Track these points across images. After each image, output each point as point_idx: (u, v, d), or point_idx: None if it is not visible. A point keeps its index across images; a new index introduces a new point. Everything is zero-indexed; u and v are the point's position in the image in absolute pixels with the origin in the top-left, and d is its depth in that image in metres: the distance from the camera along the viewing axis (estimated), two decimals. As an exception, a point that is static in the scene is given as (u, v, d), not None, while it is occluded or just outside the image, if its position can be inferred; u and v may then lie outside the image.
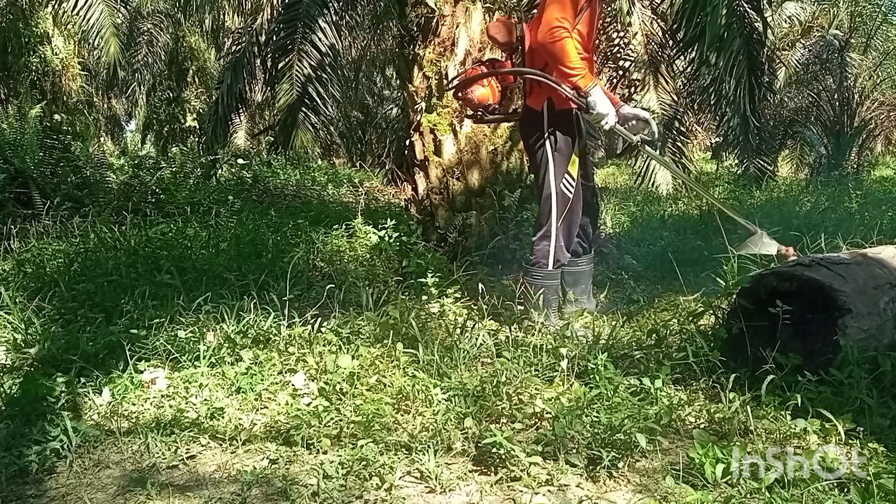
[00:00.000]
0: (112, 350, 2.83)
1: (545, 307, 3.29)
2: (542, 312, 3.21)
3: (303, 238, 4.82)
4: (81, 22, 8.25)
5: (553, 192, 3.34)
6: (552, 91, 3.27)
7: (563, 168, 3.34)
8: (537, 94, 3.36)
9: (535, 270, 3.40)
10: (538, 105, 3.34)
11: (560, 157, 3.33)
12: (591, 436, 2.11)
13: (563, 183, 3.34)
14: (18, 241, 4.78)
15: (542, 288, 3.36)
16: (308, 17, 6.97)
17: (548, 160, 3.33)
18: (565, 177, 3.34)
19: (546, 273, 3.38)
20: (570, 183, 3.36)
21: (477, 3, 4.83)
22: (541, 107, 3.32)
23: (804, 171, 13.91)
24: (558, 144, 3.33)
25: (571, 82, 3.18)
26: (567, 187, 3.35)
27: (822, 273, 2.57)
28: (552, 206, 3.35)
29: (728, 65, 6.52)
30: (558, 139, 3.32)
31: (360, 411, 2.28)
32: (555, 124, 3.31)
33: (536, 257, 3.41)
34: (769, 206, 6.44)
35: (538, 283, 3.38)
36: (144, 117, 18.57)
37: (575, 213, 3.42)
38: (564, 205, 3.35)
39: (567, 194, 3.36)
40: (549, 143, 3.33)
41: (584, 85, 3.17)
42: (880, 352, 2.42)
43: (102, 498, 2.00)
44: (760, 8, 7.00)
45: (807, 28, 13.64)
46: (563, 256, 3.41)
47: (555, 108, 3.31)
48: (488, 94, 3.44)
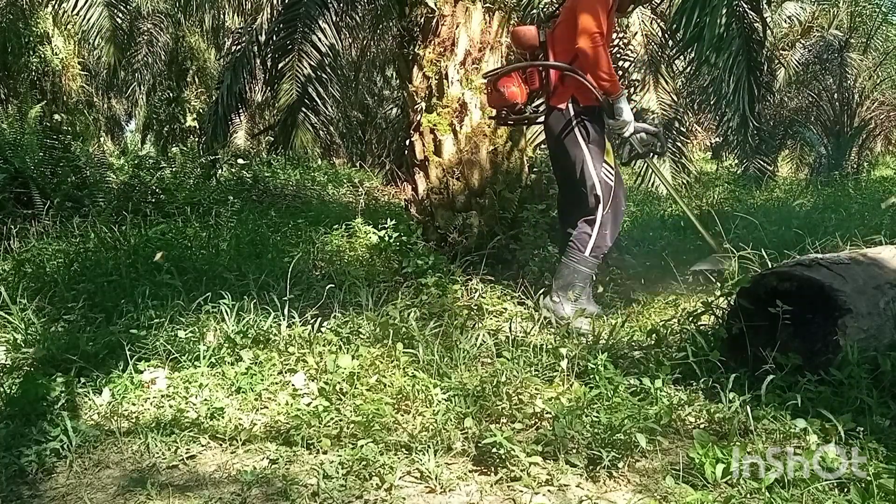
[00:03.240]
0: (112, 350, 2.83)
1: (570, 290, 3.42)
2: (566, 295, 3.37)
3: (303, 238, 4.82)
4: (81, 22, 8.24)
5: (596, 182, 3.44)
6: (576, 89, 3.42)
7: (600, 157, 3.46)
8: (561, 93, 3.49)
9: (572, 253, 3.50)
10: (562, 103, 3.47)
11: (595, 147, 3.46)
12: (591, 436, 2.11)
13: (603, 172, 3.46)
14: (18, 241, 4.78)
15: (571, 271, 3.48)
16: (308, 17, 6.97)
17: (583, 153, 3.45)
18: (604, 166, 3.47)
19: (580, 258, 3.47)
20: (609, 171, 3.48)
21: (477, 3, 4.82)
22: (566, 104, 3.46)
23: (804, 171, 13.91)
24: (591, 136, 3.46)
25: (603, 87, 3.37)
26: (608, 175, 3.47)
27: (822, 273, 2.57)
28: (599, 196, 3.45)
29: (727, 65, 6.53)
30: (590, 131, 3.46)
31: (360, 411, 2.28)
32: (584, 119, 3.45)
33: (575, 241, 3.50)
34: (769, 207, 6.44)
35: (572, 266, 3.49)
36: (144, 117, 18.55)
37: (619, 199, 3.55)
38: (608, 192, 3.46)
39: (609, 182, 3.47)
40: (580, 136, 3.45)
41: (615, 91, 3.38)
42: (880, 352, 2.41)
43: (102, 498, 2.00)
44: (760, 8, 7.00)
45: (806, 28, 13.64)
46: (603, 244, 3.51)
47: (580, 105, 3.45)
48: (518, 93, 3.54)
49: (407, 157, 5.28)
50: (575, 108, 3.46)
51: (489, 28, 4.83)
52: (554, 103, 3.54)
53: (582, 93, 3.44)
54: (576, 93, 3.45)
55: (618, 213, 3.57)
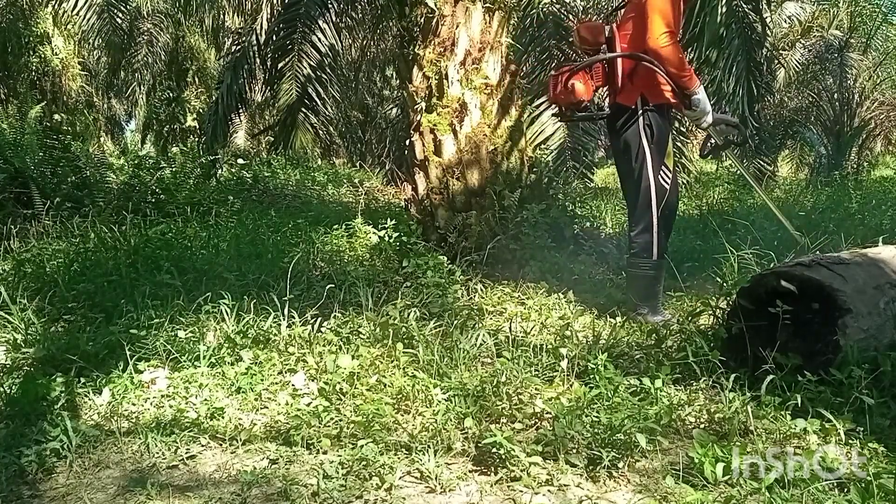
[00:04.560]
0: (112, 350, 2.83)
1: (651, 298, 3.42)
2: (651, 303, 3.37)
3: (303, 238, 4.82)
4: (81, 22, 8.24)
5: (652, 184, 3.42)
6: (646, 87, 3.39)
7: (661, 160, 3.45)
8: (629, 91, 3.44)
9: (641, 262, 3.47)
10: (631, 101, 3.43)
11: (657, 149, 3.44)
12: (591, 436, 2.11)
13: (661, 175, 3.44)
14: (18, 241, 4.78)
15: (648, 279, 3.47)
16: (308, 17, 6.98)
17: (645, 153, 3.43)
18: (663, 168, 3.45)
19: (652, 263, 3.46)
20: (667, 174, 3.47)
21: (477, 3, 4.82)
22: (634, 102, 3.42)
23: (804, 171, 13.91)
24: (656, 136, 3.43)
25: (682, 83, 3.33)
26: (665, 179, 3.46)
27: (822, 273, 2.57)
28: (651, 198, 3.43)
29: (727, 65, 6.54)
30: (655, 131, 3.42)
31: (360, 411, 2.28)
32: (651, 118, 3.42)
33: (638, 250, 3.48)
34: (769, 207, 6.43)
35: (644, 274, 3.47)
36: (144, 117, 18.53)
37: (672, 203, 3.55)
38: (662, 196, 3.45)
39: (665, 186, 3.45)
40: (645, 136, 3.42)
41: (692, 85, 3.34)
42: (880, 352, 2.41)
43: (102, 498, 2.00)
44: (759, 8, 7.01)
45: (806, 28, 13.63)
46: (664, 246, 3.50)
47: (649, 103, 3.42)
48: (585, 90, 3.50)
49: (407, 157, 5.28)
50: (644, 107, 3.43)
51: (489, 28, 4.83)
52: (621, 101, 3.47)
53: (651, 90, 3.40)
54: (645, 91, 3.40)
55: (669, 217, 3.57)
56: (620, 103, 3.48)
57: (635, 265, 3.52)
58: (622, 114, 3.47)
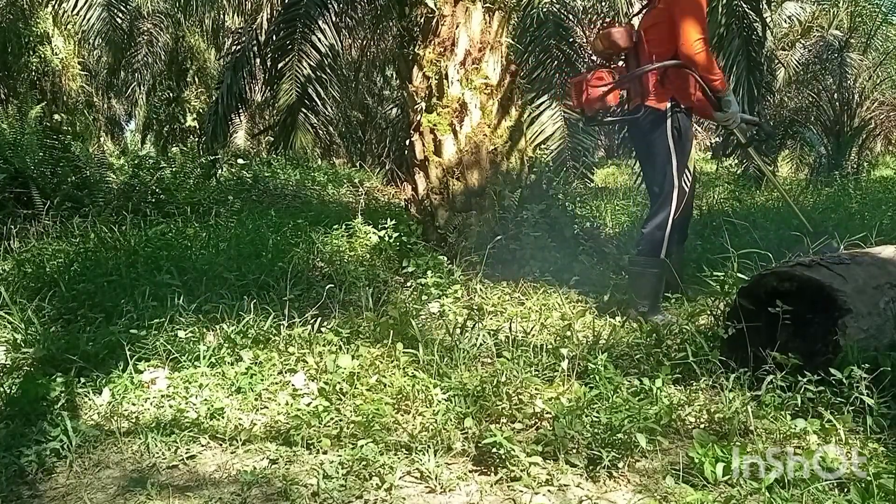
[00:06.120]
0: (112, 350, 2.83)
1: (652, 297, 3.47)
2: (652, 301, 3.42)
3: (303, 238, 4.82)
4: (81, 22, 8.23)
5: (675, 185, 3.48)
6: (677, 91, 3.46)
7: (685, 164, 3.51)
8: (660, 94, 3.49)
9: (649, 260, 3.52)
10: (661, 105, 3.48)
11: (682, 153, 3.50)
12: (591, 436, 2.11)
13: (684, 178, 3.51)
14: (18, 241, 4.78)
15: (651, 277, 3.51)
16: (308, 17, 6.96)
17: (671, 157, 3.49)
18: (685, 172, 3.52)
19: (657, 262, 3.50)
20: (688, 178, 3.55)
21: (477, 3, 4.82)
22: (664, 106, 3.47)
23: (804, 171, 13.89)
24: (682, 139, 3.50)
25: (715, 86, 3.44)
26: (686, 182, 3.53)
27: (822, 273, 2.57)
28: (672, 200, 3.49)
29: (727, 64, 6.53)
30: (682, 136, 3.50)
31: (360, 411, 2.28)
32: (679, 120, 3.49)
33: (646, 247, 3.52)
34: (769, 207, 6.44)
35: (648, 272, 3.52)
36: (144, 117, 18.54)
37: (688, 207, 3.63)
38: (682, 199, 3.51)
39: (685, 189, 3.52)
40: (672, 140, 3.47)
41: (723, 89, 3.48)
42: (880, 352, 2.41)
43: (102, 498, 2.00)
44: (759, 8, 7.01)
45: (806, 28, 13.63)
46: (671, 249, 3.56)
47: (680, 107, 3.48)
48: (613, 96, 3.60)
49: (407, 157, 5.28)
50: (674, 110, 3.48)
51: (489, 28, 4.83)
52: (651, 104, 3.51)
53: (682, 94, 3.48)
54: (676, 94, 3.47)
55: (684, 220, 3.64)
56: (650, 106, 3.52)
57: (639, 263, 3.57)
58: (652, 117, 3.52)
